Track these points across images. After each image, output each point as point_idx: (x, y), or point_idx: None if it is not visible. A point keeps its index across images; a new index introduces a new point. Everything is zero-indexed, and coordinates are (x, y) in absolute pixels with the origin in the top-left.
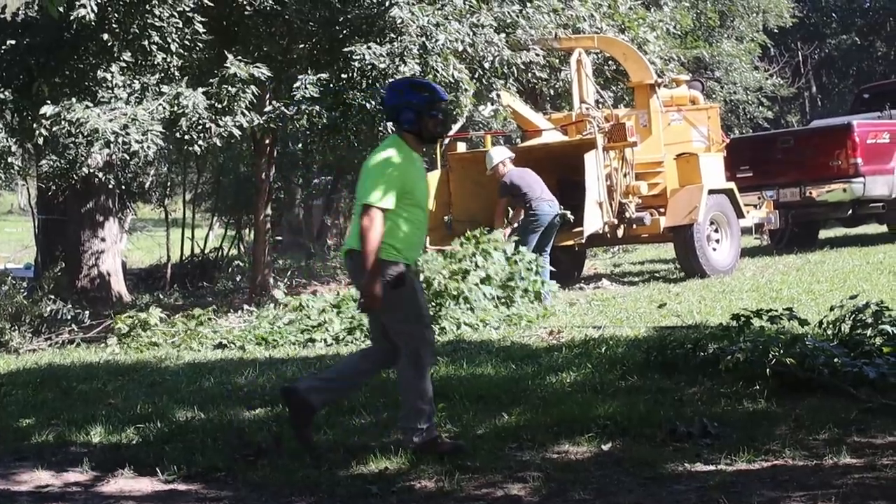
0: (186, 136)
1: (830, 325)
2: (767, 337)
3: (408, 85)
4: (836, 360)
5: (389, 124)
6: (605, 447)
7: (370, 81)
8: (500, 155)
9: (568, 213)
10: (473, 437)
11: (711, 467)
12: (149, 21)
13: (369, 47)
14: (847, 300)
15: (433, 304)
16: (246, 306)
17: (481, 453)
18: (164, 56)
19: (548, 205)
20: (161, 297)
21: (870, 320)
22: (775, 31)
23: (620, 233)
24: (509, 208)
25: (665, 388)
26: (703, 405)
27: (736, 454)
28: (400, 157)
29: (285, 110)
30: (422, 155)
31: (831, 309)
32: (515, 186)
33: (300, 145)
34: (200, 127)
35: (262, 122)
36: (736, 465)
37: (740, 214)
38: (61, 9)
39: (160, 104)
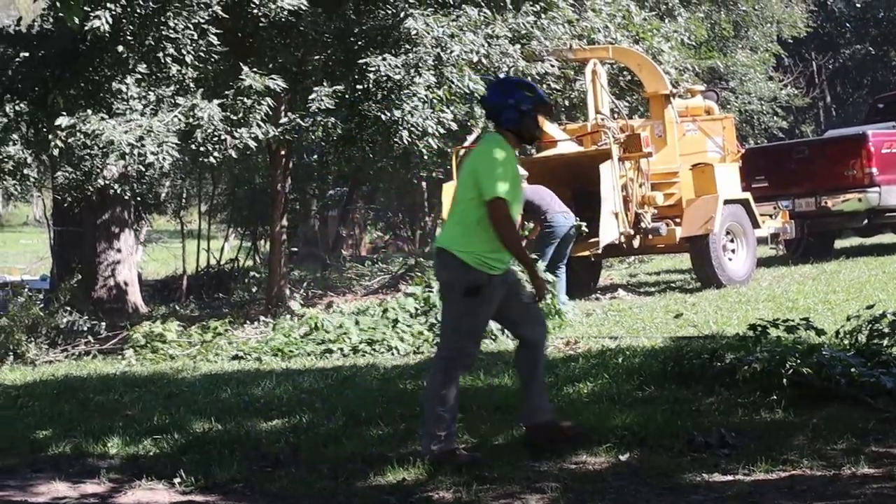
0: (202, 148)
1: (847, 335)
2: (784, 347)
3: (513, 84)
4: (853, 369)
5: (489, 124)
6: (623, 457)
7: (385, 93)
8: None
9: (583, 224)
10: (491, 448)
11: (729, 477)
12: (164, 33)
13: (384, 58)
14: (863, 310)
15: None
16: (262, 317)
17: (499, 464)
18: (179, 68)
19: (563, 216)
20: (177, 308)
21: (887, 330)
22: (789, 41)
23: (636, 243)
24: (527, 223)
25: (682, 398)
26: (721, 415)
27: (754, 464)
28: (506, 154)
29: (301, 122)
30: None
31: (848, 319)
32: (529, 202)
33: (315, 156)
34: (216, 139)
35: (277, 133)
36: (754, 476)
37: (756, 224)
38: (76, 19)
39: (175, 116)
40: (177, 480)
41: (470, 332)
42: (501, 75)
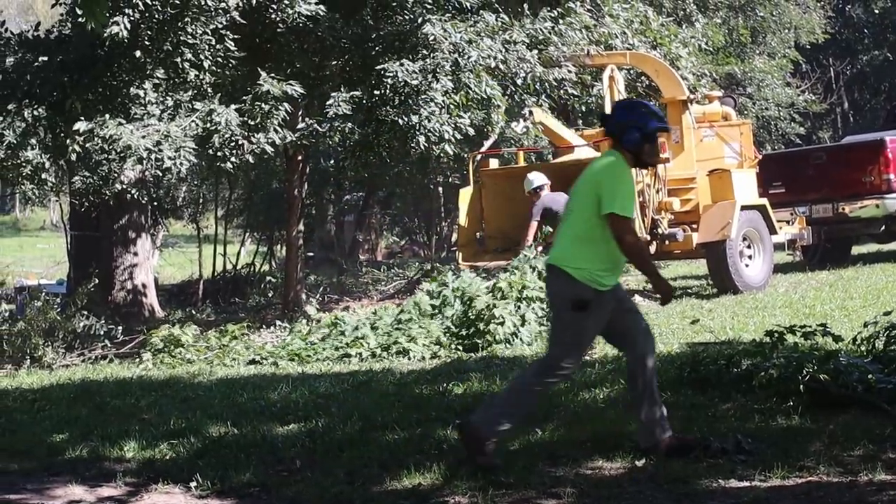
0: (219, 153)
1: (864, 342)
2: (801, 353)
3: (639, 107)
4: (870, 376)
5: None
6: (639, 463)
7: (402, 98)
8: (539, 179)
9: None
10: (507, 453)
11: (746, 483)
12: (181, 38)
13: (402, 64)
14: (881, 316)
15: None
16: (278, 322)
17: (515, 469)
18: (197, 73)
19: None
20: (193, 312)
21: None
22: (807, 47)
23: (653, 249)
24: (547, 227)
25: (698, 403)
26: (737, 421)
27: (770, 470)
28: (626, 171)
29: (318, 127)
30: None
31: (865, 325)
32: (548, 209)
33: (332, 161)
34: (233, 143)
35: (294, 138)
36: (770, 482)
37: (773, 230)
38: (92, 25)
39: (193, 121)
40: (193, 484)
41: (575, 344)
42: (519, 81)
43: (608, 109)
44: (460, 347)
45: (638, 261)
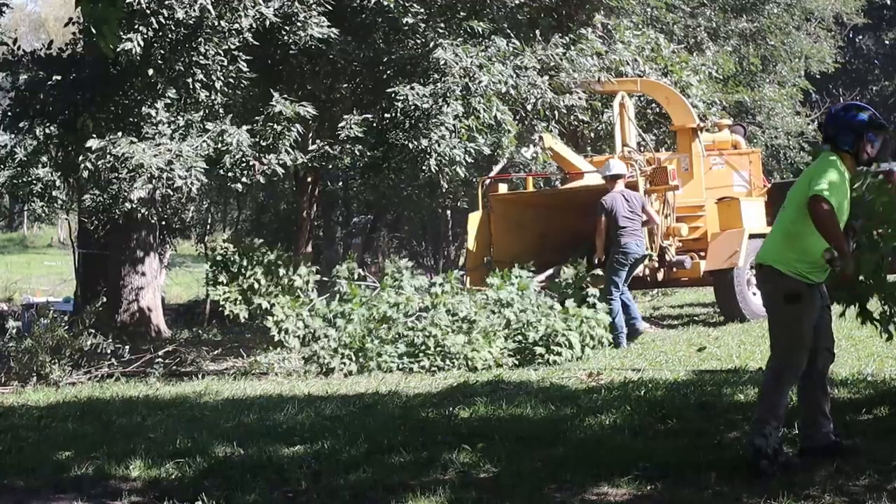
0: (230, 173)
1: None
2: None
3: (852, 108)
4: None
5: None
6: (645, 490)
7: (413, 121)
8: (619, 168)
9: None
10: (513, 477)
11: None
12: (194, 59)
13: (412, 88)
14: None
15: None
16: (284, 343)
17: (520, 494)
18: (209, 93)
19: (635, 243)
20: (200, 332)
21: None
22: (817, 76)
23: (661, 276)
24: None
25: (704, 431)
26: (743, 450)
27: (775, 498)
28: (840, 172)
29: (329, 149)
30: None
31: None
32: (611, 213)
33: (340, 184)
34: (244, 164)
35: (305, 160)
36: None
37: None
38: (112, 47)
39: (204, 141)
40: None
41: (797, 340)
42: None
43: (618, 136)
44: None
45: (830, 238)
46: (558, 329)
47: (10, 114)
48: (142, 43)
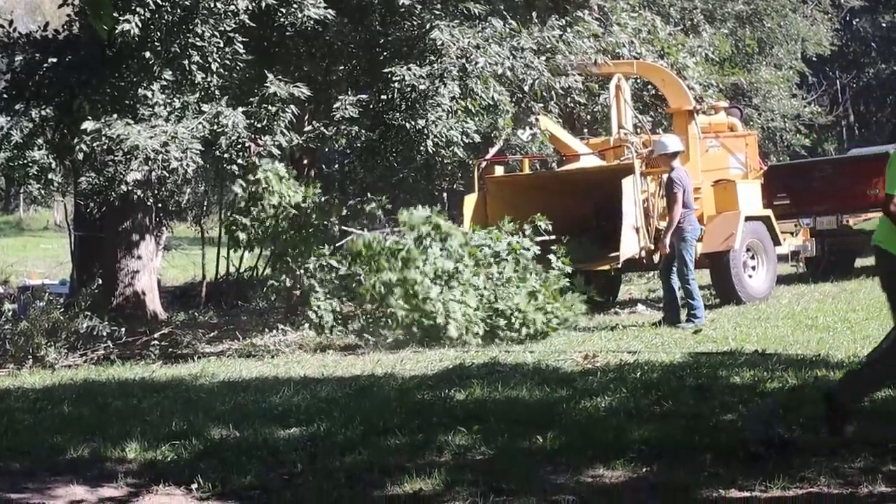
0: (225, 155)
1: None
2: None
3: None
4: None
5: None
6: (640, 472)
7: (410, 102)
8: (675, 145)
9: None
10: (508, 459)
11: (746, 494)
12: (190, 40)
13: (409, 69)
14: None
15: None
16: (281, 325)
17: (516, 475)
18: (205, 75)
19: (697, 221)
20: (196, 315)
21: None
22: (814, 59)
23: (657, 258)
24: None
25: (700, 413)
26: (738, 432)
27: (771, 481)
28: None
29: (325, 130)
30: None
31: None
32: (682, 188)
33: (336, 166)
34: (239, 146)
35: (301, 141)
36: (770, 492)
37: (777, 242)
38: (106, 28)
39: (200, 122)
40: (194, 486)
41: None
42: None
43: (614, 118)
44: None
45: None
46: (522, 307)
47: (5, 96)
48: (139, 24)
